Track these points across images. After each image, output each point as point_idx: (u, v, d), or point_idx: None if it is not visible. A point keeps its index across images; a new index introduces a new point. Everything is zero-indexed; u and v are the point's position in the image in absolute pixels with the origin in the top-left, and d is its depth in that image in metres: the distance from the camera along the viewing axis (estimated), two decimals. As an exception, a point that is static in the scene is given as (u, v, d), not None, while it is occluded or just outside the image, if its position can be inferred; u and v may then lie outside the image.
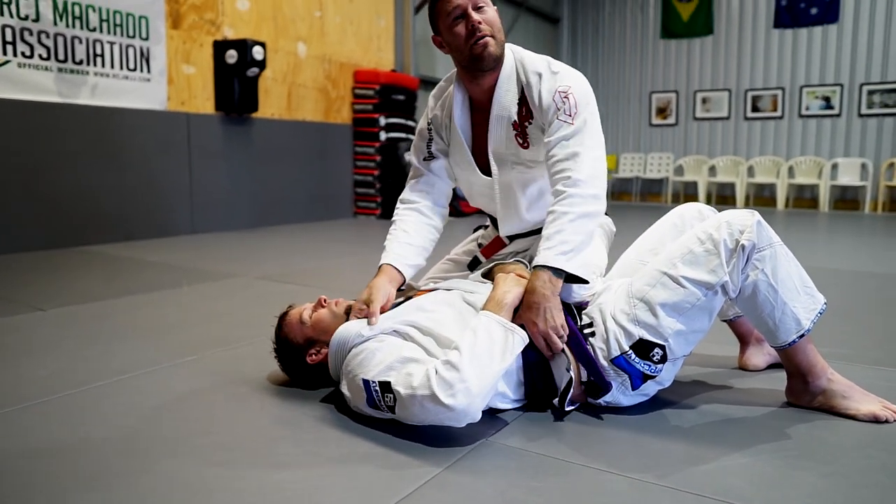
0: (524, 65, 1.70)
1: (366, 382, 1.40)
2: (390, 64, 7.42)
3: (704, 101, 9.93)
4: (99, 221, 4.65)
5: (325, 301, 1.68)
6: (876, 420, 1.48)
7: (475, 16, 1.63)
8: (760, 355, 1.89)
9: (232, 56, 5.33)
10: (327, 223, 6.37)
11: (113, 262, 3.93)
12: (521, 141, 1.69)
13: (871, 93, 8.76)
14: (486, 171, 1.78)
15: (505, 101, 1.69)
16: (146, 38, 4.89)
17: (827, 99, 9.03)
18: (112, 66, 4.69)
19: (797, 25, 9.15)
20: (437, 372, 1.31)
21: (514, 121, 1.68)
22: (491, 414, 1.52)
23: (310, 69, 6.39)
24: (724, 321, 1.90)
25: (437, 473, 1.25)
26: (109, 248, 4.43)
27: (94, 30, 4.56)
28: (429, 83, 8.28)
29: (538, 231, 1.75)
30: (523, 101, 1.68)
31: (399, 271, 1.73)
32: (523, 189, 1.78)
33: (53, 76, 4.36)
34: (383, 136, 6.81)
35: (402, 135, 6.93)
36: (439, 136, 1.84)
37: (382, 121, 6.78)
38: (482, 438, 1.40)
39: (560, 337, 1.49)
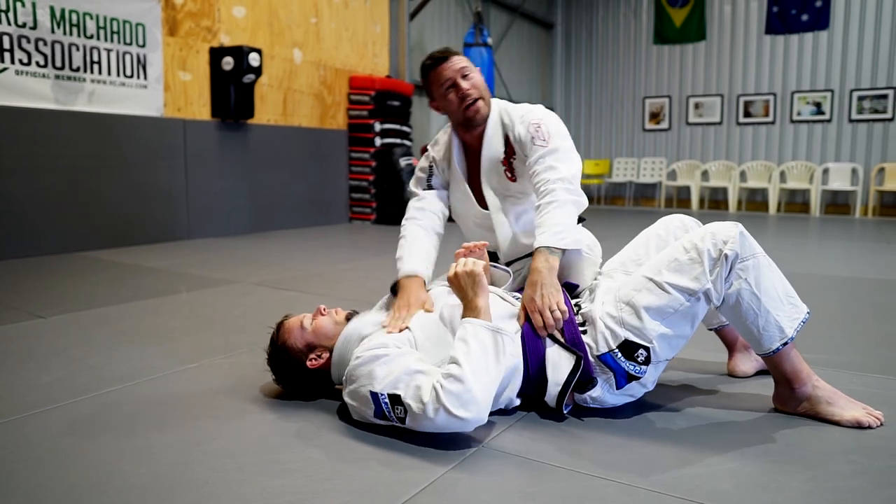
0: (508, 112, 1.97)
1: (374, 395, 1.44)
2: (385, 70, 7.47)
3: (697, 106, 10.01)
4: (96, 227, 4.68)
5: (324, 310, 1.71)
6: (859, 426, 1.52)
7: (464, 84, 1.91)
8: (748, 362, 1.94)
9: (228, 63, 5.37)
10: (323, 228, 6.41)
11: (111, 268, 3.96)
12: (509, 175, 1.96)
13: (861, 98, 8.86)
14: (483, 205, 2.02)
15: (493, 143, 1.96)
16: (143, 45, 4.92)
17: (818, 104, 9.12)
18: (109, 73, 4.72)
19: (788, 32, 9.24)
20: (443, 387, 1.37)
21: (502, 158, 1.95)
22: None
23: (305, 75, 6.43)
24: (711, 329, 1.95)
25: (435, 479, 1.29)
26: (106, 254, 4.46)
27: (91, 37, 4.59)
28: (423, 89, 8.33)
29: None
30: (507, 142, 1.95)
31: (422, 277, 1.85)
32: (517, 219, 2.00)
33: (51, 83, 4.39)
34: (378, 141, 6.85)
35: (397, 140, 6.98)
36: (440, 173, 2.10)
37: (377, 126, 6.82)
38: (477, 444, 1.44)
39: (556, 319, 1.58)
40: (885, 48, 8.67)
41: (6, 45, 4.13)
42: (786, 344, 1.54)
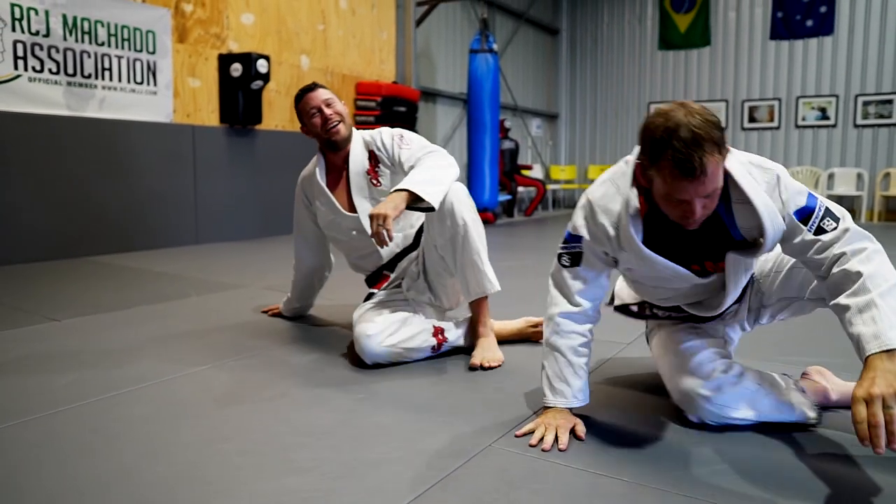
0: (369, 134, 2.33)
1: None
2: (392, 76, 7.53)
3: (702, 111, 10.02)
4: (106, 232, 4.73)
5: None
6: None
7: (327, 111, 2.26)
8: None
9: (236, 69, 5.43)
10: (329, 233, 6.45)
11: (121, 272, 4.01)
12: (374, 182, 2.29)
13: (866, 103, 8.87)
14: (351, 210, 2.31)
15: (358, 158, 2.30)
16: (153, 52, 4.99)
17: (823, 110, 9.13)
18: (119, 80, 4.79)
19: (793, 37, 9.27)
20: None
21: (367, 168, 2.30)
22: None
23: (313, 81, 6.47)
24: None
25: (444, 476, 1.32)
26: (117, 259, 4.51)
27: (102, 44, 4.66)
28: (429, 95, 8.39)
29: (407, 251, 2.32)
30: (371, 156, 2.30)
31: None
32: None
33: (63, 90, 4.45)
34: (385, 146, 6.89)
35: (404, 146, 7.01)
36: (309, 202, 2.46)
37: (384, 132, 6.87)
38: (486, 444, 1.48)
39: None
40: (889, 53, 8.69)
41: (20, 52, 4.20)
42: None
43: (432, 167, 2.06)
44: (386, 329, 2.07)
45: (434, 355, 2.18)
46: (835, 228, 1.37)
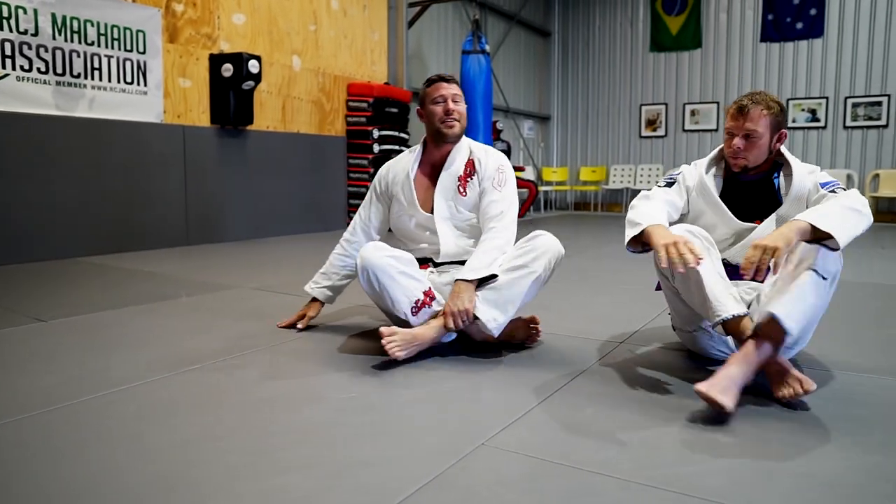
0: (476, 144, 2.42)
1: None
2: (383, 77, 7.51)
3: (693, 113, 10.08)
4: (95, 233, 4.70)
5: None
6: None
7: (452, 105, 2.31)
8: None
9: (228, 69, 5.40)
10: (322, 234, 6.43)
11: (110, 272, 3.97)
12: (461, 191, 2.35)
13: (855, 105, 8.93)
14: (428, 210, 2.37)
15: (457, 161, 2.36)
16: (143, 52, 4.96)
17: (813, 111, 9.19)
18: (109, 80, 4.75)
19: (783, 39, 9.32)
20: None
21: (461, 174, 2.36)
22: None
23: (304, 82, 6.47)
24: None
25: (435, 476, 1.31)
26: (106, 259, 4.47)
27: (91, 44, 4.62)
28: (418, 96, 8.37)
29: (461, 262, 2.33)
30: (469, 164, 2.36)
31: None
32: (458, 227, 2.37)
33: (51, 89, 4.42)
34: (376, 148, 6.89)
35: (396, 147, 7.01)
36: (385, 187, 2.49)
37: (376, 133, 6.86)
38: (480, 442, 1.47)
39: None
40: (878, 55, 8.75)
41: (8, 51, 4.16)
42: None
43: (494, 249, 2.20)
44: (393, 250, 2.18)
45: (413, 321, 2.17)
46: (843, 190, 1.87)
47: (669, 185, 2.13)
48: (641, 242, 1.90)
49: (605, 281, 3.92)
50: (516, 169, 9.42)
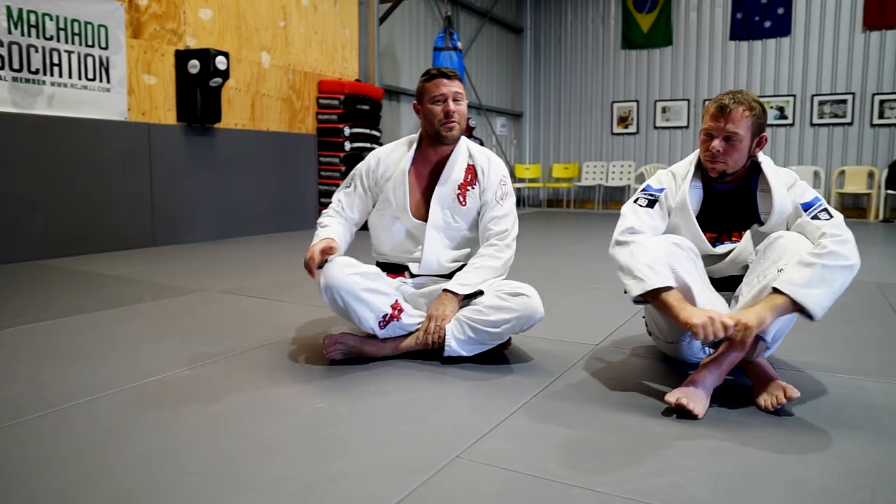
0: (475, 147, 2.28)
1: None
2: (355, 74, 7.42)
3: (664, 110, 10.15)
4: (55, 235, 4.54)
5: None
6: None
7: (452, 105, 2.14)
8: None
9: (194, 66, 5.27)
10: (292, 234, 6.32)
11: (71, 277, 3.84)
12: (461, 200, 2.21)
13: (821, 103, 9.08)
14: (420, 217, 2.22)
15: (457, 167, 2.22)
16: (105, 48, 4.80)
17: (781, 109, 9.32)
18: (70, 76, 4.59)
19: (752, 38, 9.43)
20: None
21: (461, 182, 2.21)
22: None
23: (274, 79, 6.34)
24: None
25: (409, 492, 1.25)
26: (67, 262, 4.32)
27: (50, 38, 4.46)
28: (393, 93, 8.30)
29: (447, 276, 2.22)
30: (470, 170, 2.23)
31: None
32: (448, 239, 2.24)
33: (8, 85, 4.25)
34: (348, 145, 6.79)
35: (367, 144, 6.92)
36: (374, 182, 2.27)
37: (347, 130, 6.77)
38: (454, 455, 1.41)
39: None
40: (843, 54, 8.90)
41: (-40, 46, 3.99)
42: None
43: (489, 270, 2.15)
44: (358, 266, 2.05)
45: (381, 335, 2.11)
46: (827, 220, 1.78)
47: (650, 203, 1.95)
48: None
49: (578, 280, 3.90)
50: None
